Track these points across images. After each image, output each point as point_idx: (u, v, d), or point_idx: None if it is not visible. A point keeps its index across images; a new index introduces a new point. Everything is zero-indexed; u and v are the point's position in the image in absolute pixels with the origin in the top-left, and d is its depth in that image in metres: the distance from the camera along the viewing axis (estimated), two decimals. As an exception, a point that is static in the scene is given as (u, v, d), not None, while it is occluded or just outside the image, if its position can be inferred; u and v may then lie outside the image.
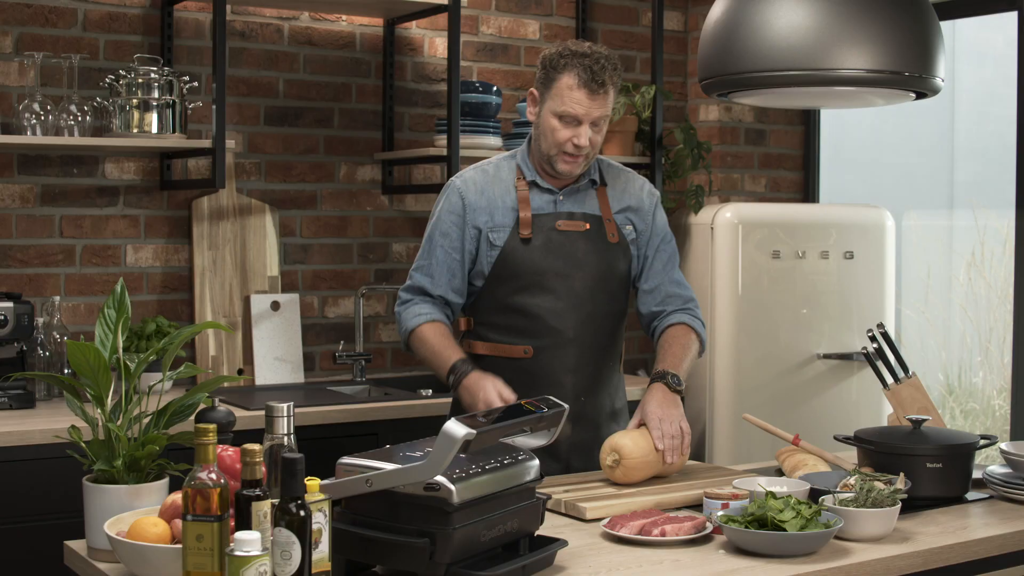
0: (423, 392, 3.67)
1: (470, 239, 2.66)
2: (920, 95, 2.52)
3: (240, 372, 3.75)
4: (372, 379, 3.90)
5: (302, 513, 1.67)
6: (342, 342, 3.93)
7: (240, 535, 1.62)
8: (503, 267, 2.64)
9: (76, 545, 2.05)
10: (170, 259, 3.71)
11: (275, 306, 3.79)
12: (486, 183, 2.69)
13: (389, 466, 1.81)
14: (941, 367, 5.21)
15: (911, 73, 2.37)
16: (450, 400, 3.40)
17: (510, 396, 2.52)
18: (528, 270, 2.63)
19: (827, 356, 4.18)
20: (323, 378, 3.93)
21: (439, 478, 1.78)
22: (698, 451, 4.09)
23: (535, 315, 2.64)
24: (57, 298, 3.43)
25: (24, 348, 3.30)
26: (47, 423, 2.98)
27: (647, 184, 2.81)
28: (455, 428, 1.76)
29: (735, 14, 2.45)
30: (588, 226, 2.67)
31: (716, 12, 2.52)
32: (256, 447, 1.71)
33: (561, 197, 2.68)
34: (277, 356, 3.78)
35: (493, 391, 2.52)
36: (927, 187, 5.39)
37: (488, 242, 2.65)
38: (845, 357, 4.18)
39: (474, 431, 1.76)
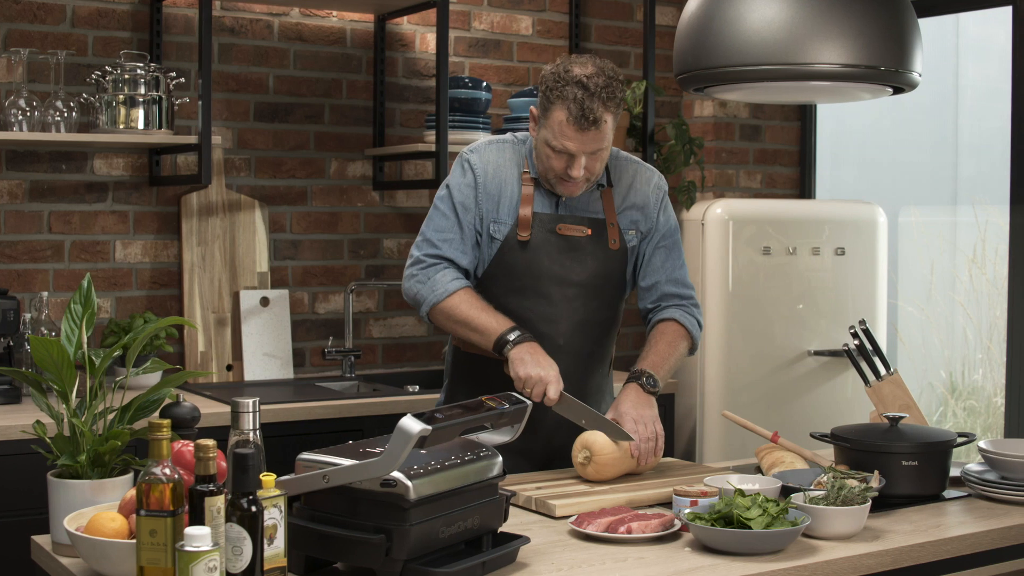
0: (410, 388, 3.67)
1: (477, 219, 2.59)
2: (897, 90, 2.49)
3: (229, 368, 3.75)
4: (362, 375, 3.90)
5: (253, 509, 1.66)
6: (331, 338, 3.93)
7: (190, 530, 1.62)
8: (498, 266, 2.60)
9: (42, 540, 2.05)
10: (159, 255, 3.71)
11: (264, 302, 3.80)
12: (500, 164, 2.60)
13: (346, 462, 1.80)
14: (944, 364, 5.18)
15: (887, 68, 2.35)
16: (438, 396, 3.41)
17: (553, 395, 2.43)
18: (523, 272, 2.58)
19: (818, 353, 4.16)
20: (313, 374, 3.93)
21: (396, 474, 1.77)
22: (688, 448, 4.07)
23: (526, 319, 2.57)
24: (45, 294, 3.43)
25: (11, 344, 3.31)
26: (30, 418, 2.98)
27: (655, 177, 2.72)
28: (410, 424, 1.75)
29: (710, 8, 2.44)
30: (590, 231, 2.61)
31: (692, 6, 2.50)
32: (210, 442, 1.71)
33: (564, 198, 2.62)
34: (266, 352, 3.78)
35: (555, 378, 2.42)
36: (931, 183, 5.35)
37: (488, 233, 2.59)
38: (836, 354, 4.16)
39: (430, 427, 1.76)
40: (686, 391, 4.08)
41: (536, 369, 2.43)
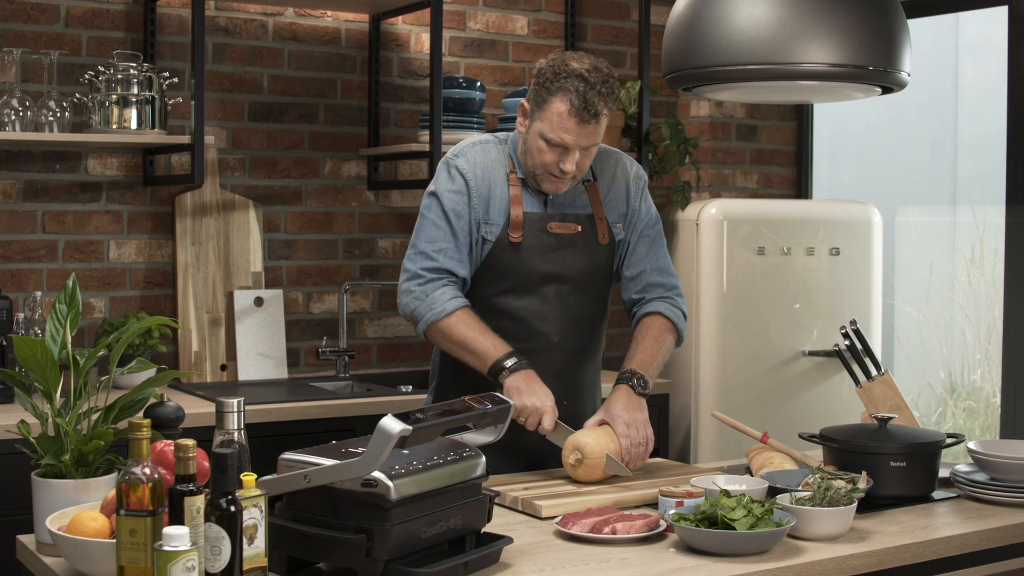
0: (404, 388, 3.66)
1: (473, 224, 2.56)
2: (886, 89, 2.49)
3: (223, 368, 3.75)
4: (356, 375, 3.90)
5: (232, 508, 1.66)
6: (325, 338, 3.93)
7: (168, 530, 1.62)
8: (490, 267, 2.58)
9: (27, 539, 2.05)
10: (153, 255, 3.71)
11: (259, 302, 3.80)
12: (487, 165, 2.58)
13: (328, 462, 1.80)
14: (943, 365, 5.17)
15: (875, 67, 2.34)
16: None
17: (548, 426, 2.44)
18: (517, 273, 2.57)
19: (813, 353, 4.15)
20: (307, 374, 3.92)
21: (376, 474, 1.77)
22: (682, 448, 4.07)
23: (520, 318, 2.58)
24: (39, 293, 3.44)
25: (4, 344, 3.31)
26: (20, 418, 2.98)
27: (635, 167, 2.72)
28: (391, 424, 1.75)
29: (698, 7, 2.43)
30: (580, 228, 2.61)
31: (680, 5, 2.50)
32: (190, 442, 1.70)
33: (552, 196, 2.61)
34: (260, 352, 3.78)
35: (550, 408, 2.44)
36: (929, 183, 5.34)
37: (481, 237, 2.57)
38: (831, 355, 4.15)
39: (410, 427, 1.75)
40: (680, 391, 4.08)
41: (532, 399, 2.43)
